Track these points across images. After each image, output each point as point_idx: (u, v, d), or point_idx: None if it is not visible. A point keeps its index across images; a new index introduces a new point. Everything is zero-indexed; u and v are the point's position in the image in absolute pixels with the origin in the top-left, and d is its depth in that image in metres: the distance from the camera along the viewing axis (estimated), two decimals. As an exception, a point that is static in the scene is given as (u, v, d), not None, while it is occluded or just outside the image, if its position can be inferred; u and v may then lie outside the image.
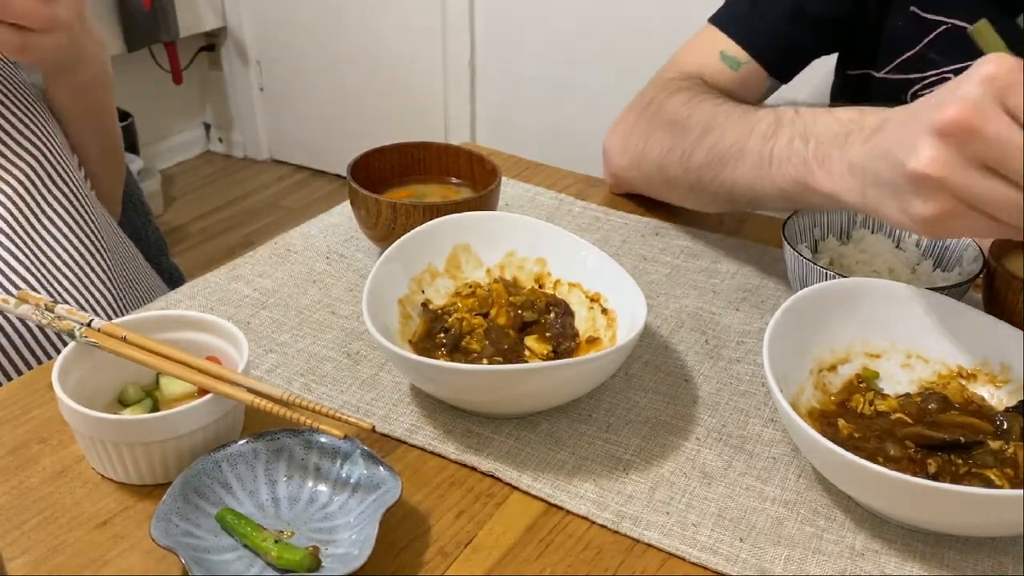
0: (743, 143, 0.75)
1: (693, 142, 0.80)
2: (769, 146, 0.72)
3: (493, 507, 0.58)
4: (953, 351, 0.65)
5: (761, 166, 0.72)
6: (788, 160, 0.69)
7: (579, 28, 2.36)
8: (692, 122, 0.82)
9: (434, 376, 0.60)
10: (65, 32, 0.78)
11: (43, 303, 0.62)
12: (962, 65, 0.87)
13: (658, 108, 0.88)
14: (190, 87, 3.08)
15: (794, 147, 0.69)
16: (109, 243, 0.91)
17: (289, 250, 0.85)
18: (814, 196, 0.68)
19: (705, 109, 0.82)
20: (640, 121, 0.90)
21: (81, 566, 0.53)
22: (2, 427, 0.63)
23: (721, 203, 0.83)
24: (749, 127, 0.75)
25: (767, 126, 0.73)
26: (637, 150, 0.89)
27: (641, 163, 0.89)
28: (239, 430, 0.62)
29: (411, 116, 2.77)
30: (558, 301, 0.71)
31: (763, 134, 0.73)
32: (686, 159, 0.81)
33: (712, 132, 0.79)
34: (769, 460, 0.62)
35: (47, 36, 0.76)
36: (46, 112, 0.90)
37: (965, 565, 0.55)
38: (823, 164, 0.66)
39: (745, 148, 0.74)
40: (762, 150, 0.72)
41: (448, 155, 0.87)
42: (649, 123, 0.88)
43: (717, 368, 0.71)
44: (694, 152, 0.80)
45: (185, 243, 2.69)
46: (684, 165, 0.82)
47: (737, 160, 0.75)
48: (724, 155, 0.77)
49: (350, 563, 0.50)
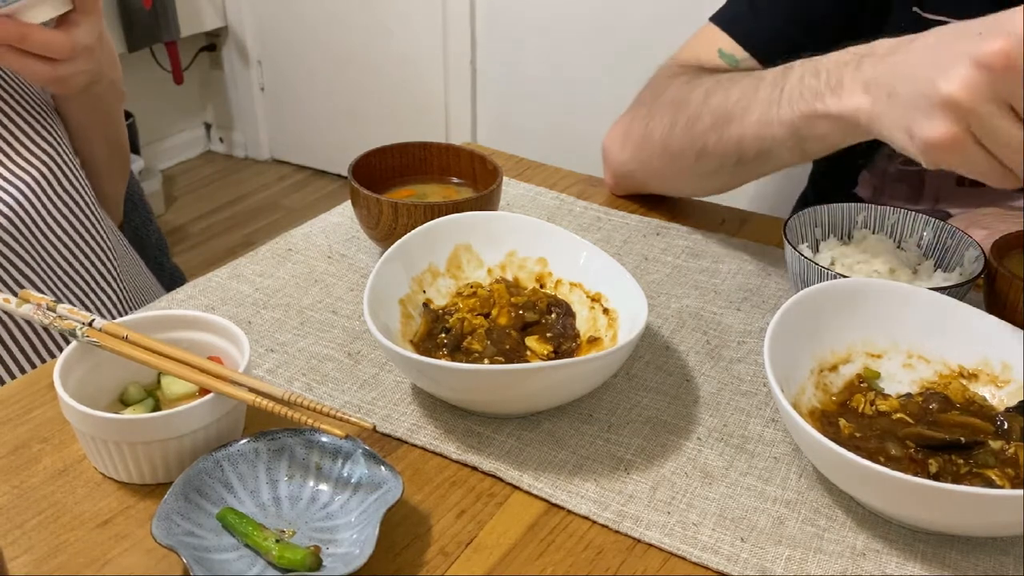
0: (750, 97, 0.75)
1: (697, 108, 0.81)
2: (779, 89, 0.72)
3: (494, 507, 0.58)
4: (954, 351, 0.65)
5: (770, 111, 0.73)
6: (800, 96, 0.70)
7: (580, 28, 2.36)
8: (694, 95, 0.82)
9: (436, 376, 0.60)
10: (89, 56, 0.79)
11: (45, 303, 0.62)
12: None
13: (658, 94, 0.88)
14: (191, 87, 3.08)
15: (805, 82, 0.70)
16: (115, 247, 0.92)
17: (290, 250, 0.85)
18: (824, 124, 0.68)
19: (706, 81, 0.83)
20: (639, 112, 0.90)
21: (82, 565, 0.53)
22: (3, 426, 0.63)
23: (728, 165, 0.82)
24: (756, 81, 0.76)
25: (775, 75, 0.74)
26: (638, 137, 0.90)
27: (643, 150, 0.89)
28: (240, 430, 0.62)
29: (412, 116, 2.77)
30: (560, 302, 0.71)
31: (771, 82, 0.74)
32: (691, 126, 0.82)
33: (716, 94, 0.79)
34: (770, 460, 0.62)
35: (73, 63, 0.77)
36: (55, 117, 0.90)
37: (966, 565, 0.55)
38: (835, 90, 0.66)
39: (753, 100, 0.75)
40: (771, 96, 0.73)
41: (449, 155, 0.87)
42: (649, 109, 0.89)
43: (718, 368, 0.71)
44: (699, 117, 0.80)
45: (186, 243, 2.69)
46: (690, 133, 0.82)
47: (744, 113, 0.76)
48: (730, 111, 0.77)
49: (351, 563, 0.50)
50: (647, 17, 2.23)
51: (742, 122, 0.76)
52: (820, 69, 0.69)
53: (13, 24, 0.72)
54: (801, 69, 0.71)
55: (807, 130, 0.70)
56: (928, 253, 0.77)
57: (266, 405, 0.56)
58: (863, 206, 0.80)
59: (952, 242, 0.76)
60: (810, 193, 1.11)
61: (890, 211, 0.79)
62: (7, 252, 0.81)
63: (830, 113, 0.67)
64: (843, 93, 0.65)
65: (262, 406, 0.56)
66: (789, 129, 0.72)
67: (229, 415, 0.59)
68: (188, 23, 2.82)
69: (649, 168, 0.91)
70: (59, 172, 0.87)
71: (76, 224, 0.87)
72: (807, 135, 0.71)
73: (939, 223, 0.77)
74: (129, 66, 2.69)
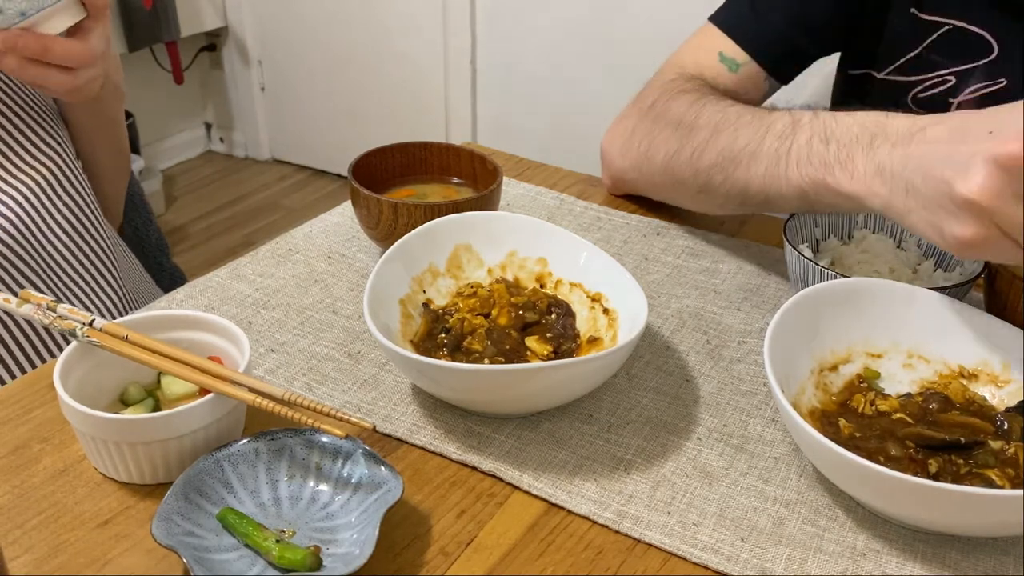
0: (757, 143, 0.74)
1: (702, 143, 0.80)
2: (787, 145, 0.71)
3: (494, 507, 0.58)
4: (954, 351, 0.65)
5: (778, 166, 0.72)
6: (807, 160, 0.69)
7: (580, 27, 2.36)
8: (700, 123, 0.81)
9: (436, 376, 0.60)
10: (102, 63, 0.79)
11: (45, 303, 0.62)
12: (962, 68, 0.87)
13: (662, 110, 0.87)
14: (191, 87, 3.08)
15: (813, 147, 0.69)
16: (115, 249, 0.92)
17: (290, 250, 0.85)
18: (834, 197, 0.68)
19: (714, 110, 0.81)
20: (642, 123, 0.89)
21: (82, 565, 0.53)
22: (3, 427, 0.63)
23: (732, 205, 0.81)
24: (764, 127, 0.75)
25: (784, 126, 0.73)
26: (640, 152, 0.89)
27: (644, 165, 0.89)
28: (240, 430, 0.62)
29: (412, 116, 2.77)
30: (560, 302, 0.71)
31: (779, 134, 0.73)
32: (695, 160, 0.81)
33: (723, 133, 0.78)
34: (770, 460, 0.62)
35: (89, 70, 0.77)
36: (59, 120, 0.90)
37: (966, 565, 0.55)
38: (845, 166, 0.66)
39: (760, 148, 0.74)
40: (779, 150, 0.72)
41: (449, 155, 0.87)
42: (653, 124, 0.87)
43: (718, 368, 0.71)
44: (704, 153, 0.80)
45: (186, 243, 2.69)
46: (694, 167, 0.81)
47: (751, 160, 0.75)
48: (737, 156, 0.76)
49: (351, 563, 0.50)
50: (647, 17, 2.23)
51: (748, 170, 0.75)
52: (830, 137, 0.68)
53: (34, 37, 0.72)
54: (810, 129, 0.70)
55: (815, 196, 0.70)
56: (928, 253, 0.77)
57: (266, 405, 0.56)
58: (863, 206, 0.80)
59: (952, 242, 0.76)
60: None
61: (890, 211, 0.79)
62: (9, 255, 0.81)
63: (841, 191, 0.66)
64: (855, 172, 0.65)
65: (262, 406, 0.56)
66: (797, 191, 0.71)
67: (229, 415, 0.59)
68: (188, 23, 2.82)
69: (650, 183, 0.90)
70: (62, 175, 0.87)
71: (78, 226, 0.87)
72: (815, 200, 0.71)
73: (939, 223, 0.77)
74: (129, 66, 2.69)
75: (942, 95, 0.89)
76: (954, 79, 0.88)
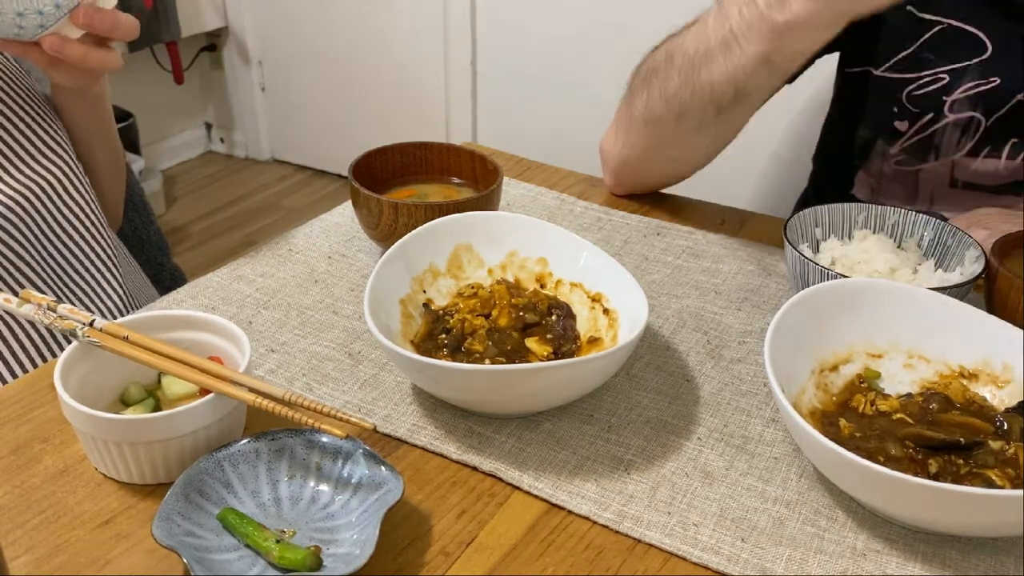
0: (704, 42, 0.78)
1: (664, 73, 0.83)
2: (725, 28, 0.75)
3: (495, 507, 0.58)
4: (954, 351, 0.65)
5: (730, 48, 0.76)
6: (749, 27, 0.73)
7: (581, 28, 2.36)
8: (657, 62, 0.85)
9: (436, 376, 0.60)
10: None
11: (46, 303, 0.62)
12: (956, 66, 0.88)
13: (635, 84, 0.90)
14: (191, 87, 3.08)
15: (744, 14, 0.73)
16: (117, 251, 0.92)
17: (291, 250, 0.85)
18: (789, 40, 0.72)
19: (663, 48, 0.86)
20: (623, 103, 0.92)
21: (83, 565, 0.53)
22: (4, 427, 0.63)
23: (710, 116, 0.83)
24: (702, 28, 0.79)
25: (715, 16, 0.77)
26: (625, 123, 0.91)
27: (630, 132, 0.91)
28: (241, 430, 0.62)
29: (413, 116, 2.77)
30: (560, 303, 0.71)
31: (715, 24, 0.77)
32: (664, 91, 0.84)
33: (675, 54, 0.82)
34: (771, 460, 0.62)
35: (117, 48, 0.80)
36: (60, 122, 0.90)
37: (966, 565, 0.55)
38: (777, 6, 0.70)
39: (708, 45, 0.78)
40: (723, 36, 0.76)
41: (450, 155, 0.87)
42: (631, 92, 0.90)
43: (719, 368, 0.71)
44: (668, 80, 0.83)
45: (187, 243, 2.69)
46: (664, 97, 0.84)
47: (706, 59, 0.78)
48: (694, 63, 0.80)
49: (352, 563, 0.50)
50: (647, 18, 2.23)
51: (710, 69, 0.78)
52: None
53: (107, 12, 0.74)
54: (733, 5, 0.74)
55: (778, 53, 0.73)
56: (929, 253, 0.77)
57: (266, 405, 0.56)
58: (863, 206, 0.80)
59: (953, 242, 0.76)
60: (811, 193, 1.11)
61: (890, 211, 0.79)
62: (12, 256, 0.81)
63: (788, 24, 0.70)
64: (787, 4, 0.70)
65: (262, 406, 0.56)
66: (756, 58, 0.74)
67: (230, 415, 0.59)
68: (189, 23, 2.81)
69: (639, 147, 0.91)
70: (66, 178, 0.87)
71: (80, 228, 0.87)
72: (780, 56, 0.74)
73: (940, 223, 0.77)
74: (130, 66, 2.69)
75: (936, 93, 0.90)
76: (948, 77, 0.89)
